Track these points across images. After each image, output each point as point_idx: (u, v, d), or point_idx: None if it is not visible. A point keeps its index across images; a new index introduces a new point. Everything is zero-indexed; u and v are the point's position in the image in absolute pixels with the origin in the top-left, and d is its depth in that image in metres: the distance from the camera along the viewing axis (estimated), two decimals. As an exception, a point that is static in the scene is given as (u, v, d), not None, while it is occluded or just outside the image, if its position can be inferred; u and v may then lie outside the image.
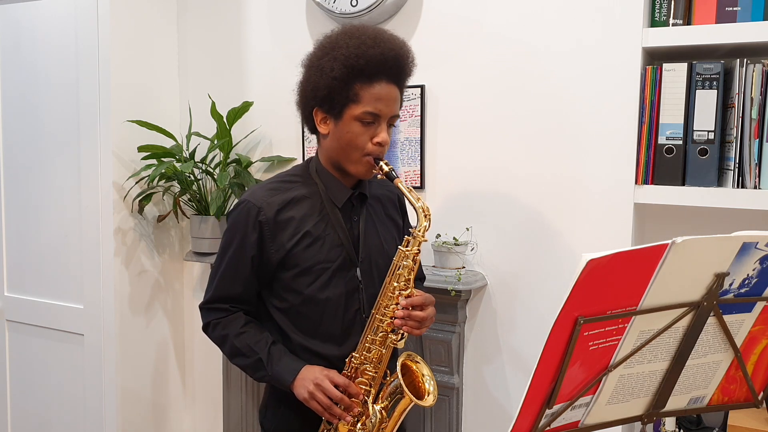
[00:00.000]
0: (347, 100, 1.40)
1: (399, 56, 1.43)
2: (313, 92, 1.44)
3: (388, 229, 1.59)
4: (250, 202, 1.46)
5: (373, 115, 1.41)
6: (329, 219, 1.48)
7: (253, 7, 2.45)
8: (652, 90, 1.76)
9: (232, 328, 1.51)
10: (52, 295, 2.59)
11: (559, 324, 0.99)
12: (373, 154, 1.43)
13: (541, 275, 2.01)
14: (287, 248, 1.45)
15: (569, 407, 1.10)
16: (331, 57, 1.40)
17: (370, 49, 1.38)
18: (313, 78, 1.43)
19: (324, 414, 1.43)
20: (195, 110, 2.53)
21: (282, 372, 1.46)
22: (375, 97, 1.40)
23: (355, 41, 1.40)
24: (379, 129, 1.42)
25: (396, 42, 1.44)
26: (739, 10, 1.70)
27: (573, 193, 1.95)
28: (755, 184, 1.68)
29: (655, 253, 0.99)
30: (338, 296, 1.48)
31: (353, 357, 1.47)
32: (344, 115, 1.42)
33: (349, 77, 1.39)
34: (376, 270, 1.52)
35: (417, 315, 1.43)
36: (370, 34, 1.41)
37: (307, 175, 1.52)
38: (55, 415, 2.64)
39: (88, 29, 2.38)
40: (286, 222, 1.45)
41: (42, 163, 2.55)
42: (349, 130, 1.42)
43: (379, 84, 1.40)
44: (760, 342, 1.19)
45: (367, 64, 1.38)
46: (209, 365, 2.69)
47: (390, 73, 1.42)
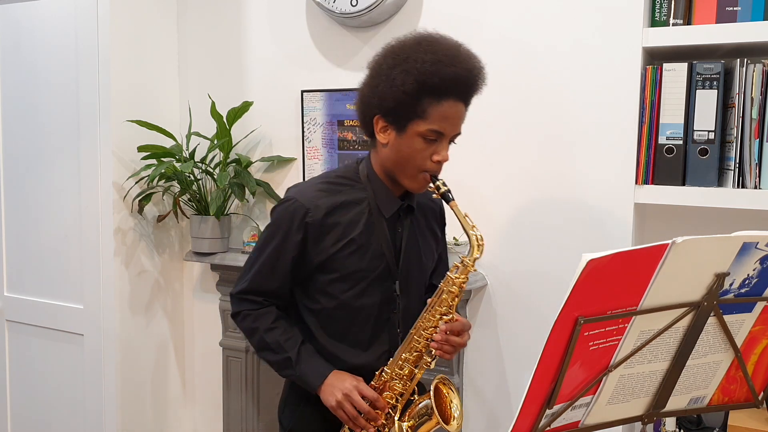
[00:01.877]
0: (414, 115, 1.35)
1: (473, 77, 1.38)
2: (379, 101, 1.38)
3: (428, 242, 1.57)
4: (299, 202, 1.44)
5: (437, 133, 1.37)
6: (374, 228, 1.46)
7: (253, 7, 2.45)
8: (653, 90, 1.76)
9: (263, 321, 1.50)
10: (52, 295, 2.59)
11: (559, 324, 0.99)
12: (431, 171, 1.40)
13: (541, 275, 2.01)
14: (329, 253, 1.44)
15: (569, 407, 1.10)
16: (403, 69, 1.34)
17: (447, 67, 1.33)
18: (381, 87, 1.37)
19: (348, 423, 1.45)
20: (195, 110, 2.53)
21: (310, 374, 1.46)
22: (443, 115, 1.35)
23: (431, 57, 1.33)
24: (441, 147, 1.39)
25: (472, 61, 1.38)
26: (739, 10, 1.70)
27: (573, 193, 1.95)
28: (755, 184, 1.68)
29: (655, 253, 0.99)
30: (372, 305, 1.48)
31: (384, 371, 1.47)
32: (407, 129, 1.37)
33: (419, 93, 1.34)
34: (414, 283, 1.52)
35: (454, 341, 1.42)
36: (446, 51, 1.35)
37: (358, 179, 1.49)
38: (55, 415, 2.64)
39: (88, 29, 2.38)
40: (332, 226, 1.43)
41: (42, 163, 2.55)
42: (410, 145, 1.38)
43: (448, 102, 1.36)
44: (761, 342, 1.19)
45: (441, 82, 1.33)
46: (209, 365, 2.69)
47: (460, 92, 1.37)
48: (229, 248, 2.50)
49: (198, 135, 2.45)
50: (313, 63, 2.33)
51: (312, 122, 2.34)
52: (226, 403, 2.54)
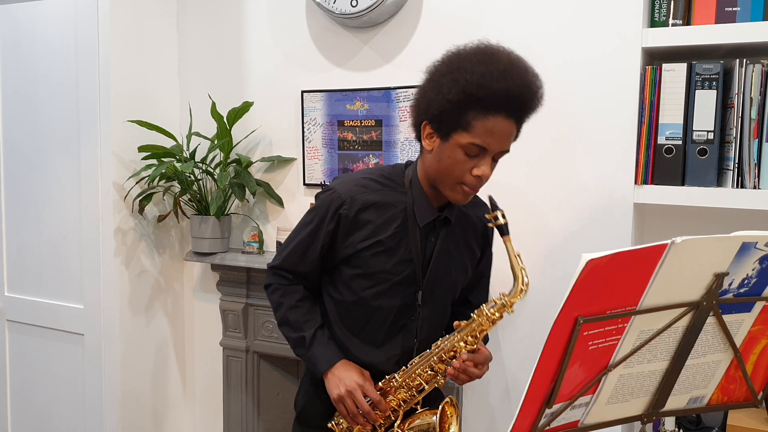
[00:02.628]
0: (458, 125, 1.31)
1: (524, 94, 1.32)
2: (426, 107, 1.36)
3: (461, 257, 1.54)
4: (337, 192, 1.45)
5: (480, 147, 1.32)
6: (406, 234, 1.45)
7: (253, 7, 2.45)
8: (652, 90, 1.77)
9: (289, 297, 1.53)
10: (52, 295, 2.59)
11: (558, 324, 0.99)
12: (469, 184, 1.36)
13: (541, 275, 2.01)
14: (357, 248, 1.45)
15: (569, 407, 1.10)
16: (452, 78, 1.30)
17: (495, 82, 1.27)
18: (430, 93, 1.35)
19: (346, 418, 1.46)
20: (195, 110, 2.53)
21: (319, 358, 1.48)
22: (487, 130, 1.30)
23: (481, 69, 1.28)
24: (482, 162, 1.33)
25: (526, 78, 1.32)
26: (738, 10, 1.70)
27: (573, 192, 1.95)
28: (755, 184, 1.68)
29: (655, 253, 0.99)
30: (390, 308, 1.49)
31: (395, 378, 1.47)
32: (451, 139, 1.33)
33: (464, 104, 1.29)
34: (439, 294, 1.52)
35: (471, 371, 1.41)
36: (499, 66, 1.29)
37: (402, 182, 1.47)
38: (55, 415, 2.64)
39: (88, 29, 2.38)
40: (364, 223, 1.44)
41: (42, 163, 2.55)
42: (451, 156, 1.34)
43: (495, 118, 1.30)
44: (760, 342, 1.19)
45: (487, 96, 1.28)
46: (209, 365, 2.69)
47: (510, 108, 1.31)
48: (230, 248, 2.50)
49: (198, 135, 2.45)
50: (313, 63, 2.34)
51: (312, 122, 2.34)
52: (226, 403, 2.54)
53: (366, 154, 2.25)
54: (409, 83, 2.16)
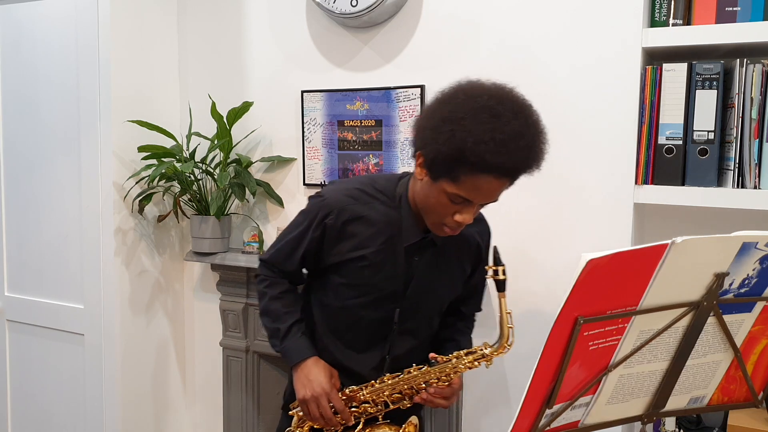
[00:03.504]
0: (446, 174, 1.28)
1: (521, 167, 1.27)
2: (421, 142, 1.31)
3: (449, 276, 1.54)
4: (326, 201, 1.45)
5: (464, 199, 1.30)
6: (391, 251, 1.45)
7: (253, 7, 2.45)
8: (652, 90, 1.77)
9: (273, 289, 1.56)
10: (52, 295, 2.59)
11: (559, 324, 0.99)
12: (450, 226, 1.35)
13: (541, 275, 2.01)
14: (343, 258, 1.46)
15: (569, 407, 1.10)
16: (451, 129, 1.23)
17: (491, 153, 1.21)
18: (428, 133, 1.28)
19: (307, 417, 1.49)
20: (195, 110, 2.53)
21: (291, 351, 1.51)
22: (475, 187, 1.27)
23: (481, 134, 1.20)
24: (465, 209, 1.31)
25: (525, 151, 1.25)
26: (739, 10, 1.70)
27: (573, 193, 1.95)
28: (755, 184, 1.68)
29: (655, 253, 0.99)
30: (373, 319, 1.51)
31: (362, 390, 1.48)
32: (438, 183, 1.30)
33: (456, 160, 1.24)
34: (422, 311, 1.53)
35: (439, 403, 1.45)
36: (501, 135, 1.21)
37: (393, 196, 1.46)
38: (55, 415, 2.64)
39: (88, 29, 2.38)
40: (350, 235, 1.44)
41: (42, 163, 2.55)
42: (437, 198, 1.32)
43: (486, 177, 1.25)
44: (760, 342, 1.19)
45: (481, 162, 1.22)
46: (209, 365, 2.69)
47: (504, 171, 1.26)
48: (230, 248, 2.50)
49: (198, 135, 2.45)
50: (313, 63, 2.33)
51: (312, 122, 2.34)
52: (226, 403, 2.54)
53: (366, 154, 2.25)
54: (409, 83, 2.16)
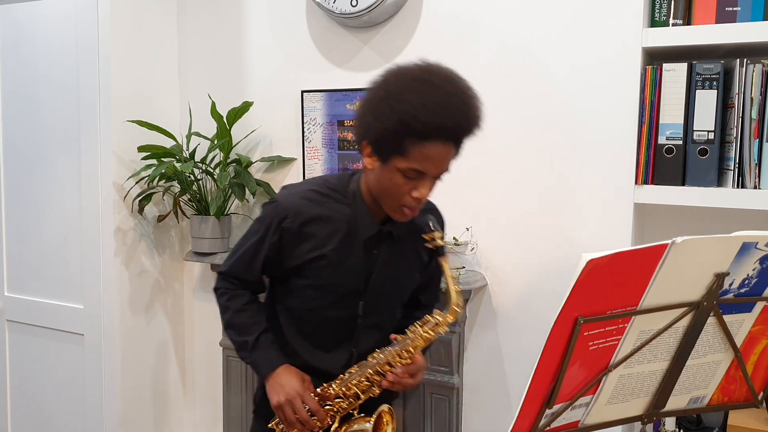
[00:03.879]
0: (395, 151, 1.31)
1: (462, 125, 1.32)
2: (365, 129, 1.36)
3: (409, 266, 1.55)
4: (281, 205, 1.46)
5: (418, 172, 1.32)
6: (349, 247, 1.46)
7: (253, 7, 2.45)
8: (652, 90, 1.76)
9: (235, 302, 1.55)
10: (52, 295, 2.59)
11: (559, 324, 0.99)
12: (409, 205, 1.37)
13: (541, 275, 2.01)
14: (303, 260, 1.47)
15: (569, 407, 1.10)
16: (389, 105, 1.29)
17: (431, 115, 1.26)
18: (368, 117, 1.34)
19: (284, 424, 1.49)
20: (195, 110, 2.53)
21: (261, 362, 1.51)
22: (424, 156, 1.30)
23: (419, 100, 1.27)
24: (421, 185, 1.34)
25: (463, 108, 1.31)
26: (739, 10, 1.70)
27: (573, 193, 1.95)
28: (755, 184, 1.68)
29: (655, 253, 0.99)
30: (339, 318, 1.52)
31: (332, 386, 1.49)
32: (389, 163, 1.33)
33: (400, 132, 1.28)
34: (385, 304, 1.54)
35: (406, 382, 1.45)
36: (436, 98, 1.28)
37: (346, 193, 1.47)
38: (55, 415, 2.64)
39: (88, 29, 2.38)
40: (308, 236, 1.45)
41: (42, 163, 2.55)
42: (391, 179, 1.34)
43: (433, 145, 1.29)
44: (760, 342, 1.19)
45: (424, 127, 1.27)
46: (209, 365, 2.69)
47: (449, 134, 1.31)
48: (229, 248, 2.50)
49: (198, 135, 2.45)
50: (313, 63, 2.33)
51: (312, 122, 2.34)
52: (226, 403, 2.54)
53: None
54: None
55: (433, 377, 2.12)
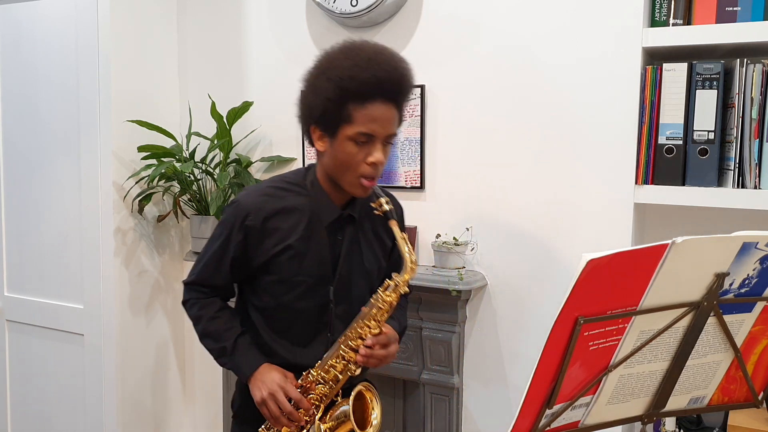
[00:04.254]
0: (340, 120, 1.38)
1: (394, 78, 1.39)
2: (309, 111, 1.43)
3: (373, 250, 1.58)
4: (242, 204, 1.49)
5: (367, 135, 1.38)
6: (313, 236, 1.49)
7: (253, 7, 2.45)
8: (652, 90, 1.76)
9: (207, 310, 1.56)
10: (52, 295, 2.59)
11: (559, 324, 0.99)
12: (367, 174, 1.41)
13: (541, 275, 2.01)
14: (269, 255, 1.48)
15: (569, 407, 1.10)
16: (325, 77, 1.38)
17: (364, 71, 1.35)
18: (309, 97, 1.43)
19: (270, 421, 1.48)
20: (195, 110, 2.53)
21: (241, 364, 1.51)
22: (369, 118, 1.37)
23: (349, 62, 1.37)
24: (374, 149, 1.39)
25: (392, 63, 1.40)
26: (739, 10, 1.70)
27: (573, 192, 1.95)
28: (755, 184, 1.68)
29: (655, 253, 0.99)
30: (311, 308, 1.52)
31: (311, 373, 1.49)
32: (338, 135, 1.39)
33: (342, 98, 1.36)
34: (354, 289, 1.54)
35: (379, 354, 1.45)
36: (365, 55, 1.38)
37: (304, 184, 1.52)
38: (55, 415, 2.64)
39: (88, 29, 2.38)
40: (272, 231, 1.48)
41: (42, 163, 2.55)
42: (344, 150, 1.39)
43: (373, 105, 1.37)
44: (760, 342, 1.19)
45: (360, 86, 1.35)
46: (209, 365, 2.69)
47: (386, 93, 1.38)
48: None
49: (198, 135, 2.45)
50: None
51: (312, 122, 2.33)
52: (226, 403, 2.54)
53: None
54: (409, 83, 2.16)
55: (433, 377, 2.12)
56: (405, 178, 2.19)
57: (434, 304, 2.08)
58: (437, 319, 2.09)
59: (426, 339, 2.10)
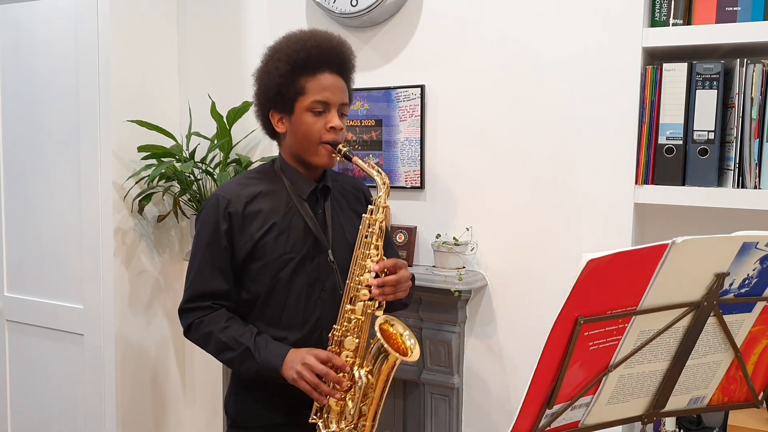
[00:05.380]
0: (296, 94, 1.49)
1: (336, 47, 1.53)
2: (265, 95, 1.53)
3: (351, 221, 1.61)
4: (219, 195, 1.53)
5: (322, 103, 1.49)
6: (296, 211, 1.53)
7: (253, 7, 2.45)
8: (653, 90, 1.76)
9: (215, 324, 1.52)
10: (52, 295, 2.59)
11: (559, 324, 0.99)
12: (329, 141, 1.50)
13: (541, 275, 2.01)
14: (255, 239, 1.50)
15: (569, 407, 1.10)
16: (275, 59, 1.50)
17: (308, 43, 1.49)
18: (263, 81, 1.53)
19: (313, 394, 1.43)
20: (195, 110, 2.53)
21: (270, 358, 1.47)
22: (321, 86, 1.49)
23: (293, 41, 1.51)
24: (330, 116, 1.50)
25: (331, 37, 1.54)
26: (739, 10, 1.70)
27: (573, 192, 1.95)
28: (755, 184, 1.68)
29: (655, 253, 0.99)
30: (302, 285, 1.52)
31: (335, 330, 1.48)
32: (296, 109, 1.50)
33: (293, 72, 1.48)
34: (347, 252, 1.54)
35: (390, 279, 1.44)
36: (306, 35, 1.53)
37: (273, 172, 1.59)
38: (55, 415, 2.64)
39: (88, 29, 2.38)
40: (254, 214, 1.51)
41: (42, 163, 2.55)
42: (303, 122, 1.49)
43: (323, 75, 1.49)
44: (761, 342, 1.19)
45: (308, 57, 1.48)
46: (209, 365, 2.68)
47: (331, 63, 1.51)
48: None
49: (198, 135, 2.45)
50: (313, 63, 2.33)
51: (312, 122, 2.33)
52: (226, 403, 2.54)
53: (366, 154, 2.25)
54: (409, 83, 2.16)
55: (433, 377, 2.12)
56: (405, 178, 2.19)
57: (434, 304, 2.08)
58: (437, 319, 2.09)
59: (426, 339, 2.10)
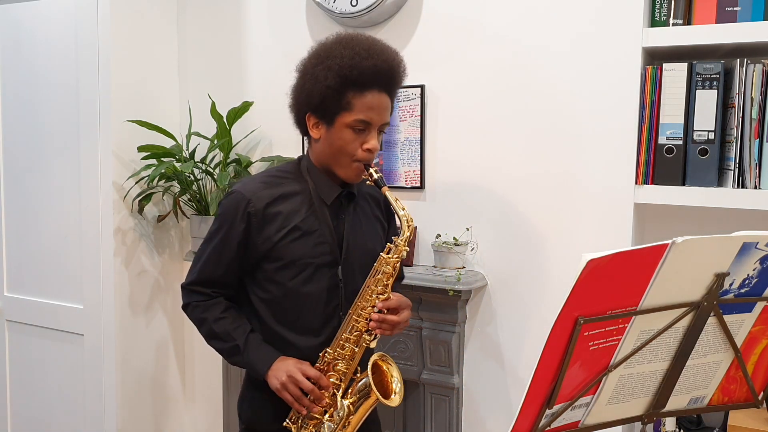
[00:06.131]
0: (340, 108, 1.44)
1: (391, 68, 1.47)
2: (307, 98, 1.47)
3: (374, 228, 1.61)
4: (241, 193, 1.50)
5: (365, 123, 1.44)
6: (317, 215, 1.51)
7: (253, 7, 2.45)
8: (653, 90, 1.76)
9: (211, 312, 1.54)
10: (52, 295, 2.59)
11: (559, 324, 0.99)
12: (363, 160, 1.47)
13: (541, 275, 2.01)
14: (273, 241, 1.48)
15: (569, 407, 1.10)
16: (325, 66, 1.44)
17: (364, 60, 1.42)
18: (308, 85, 1.47)
19: (294, 404, 1.46)
20: (195, 110, 2.53)
21: (257, 361, 1.49)
22: (367, 106, 1.44)
23: (349, 52, 1.43)
24: (370, 136, 1.46)
25: (389, 53, 1.48)
26: (739, 10, 1.70)
27: (573, 192, 1.95)
28: (755, 184, 1.68)
29: (655, 253, 0.99)
30: (319, 291, 1.51)
31: (327, 352, 1.50)
32: (336, 122, 1.45)
33: (342, 87, 1.42)
34: (359, 268, 1.54)
35: (391, 319, 1.46)
36: (363, 45, 1.45)
37: (298, 172, 1.56)
38: (55, 415, 2.64)
39: (88, 29, 2.38)
40: (274, 216, 1.49)
41: (42, 163, 2.55)
42: (341, 137, 1.45)
43: (371, 93, 1.44)
44: (761, 342, 1.19)
45: (361, 75, 1.42)
46: (209, 365, 2.69)
47: (382, 83, 1.45)
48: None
49: (198, 135, 2.45)
50: (313, 63, 2.33)
51: (312, 122, 2.33)
52: (226, 403, 2.54)
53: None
54: (409, 83, 2.16)
55: (433, 377, 2.12)
56: (405, 178, 2.19)
57: (434, 304, 2.08)
58: (437, 319, 2.09)
59: (426, 339, 2.10)
